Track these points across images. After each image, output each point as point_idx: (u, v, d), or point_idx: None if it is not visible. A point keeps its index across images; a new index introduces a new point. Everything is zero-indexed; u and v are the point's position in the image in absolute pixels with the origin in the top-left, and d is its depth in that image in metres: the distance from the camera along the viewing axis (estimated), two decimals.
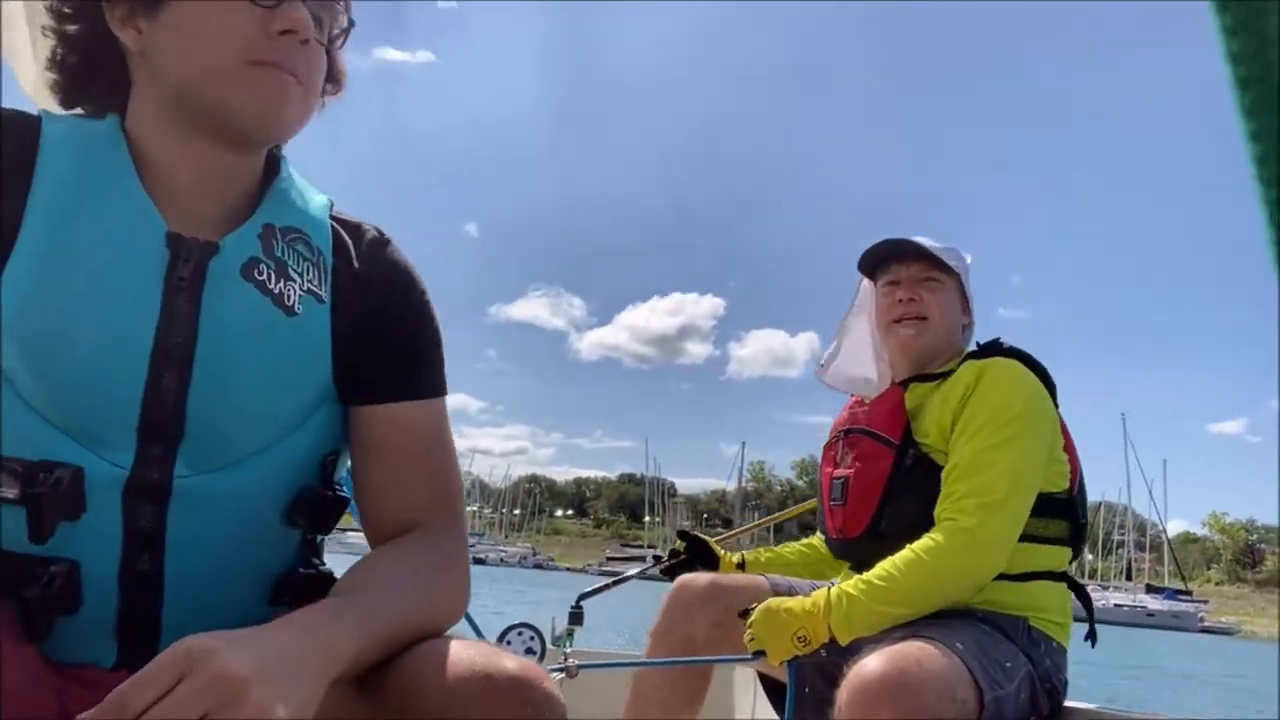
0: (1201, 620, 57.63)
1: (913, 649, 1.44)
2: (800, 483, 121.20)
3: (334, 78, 1.01)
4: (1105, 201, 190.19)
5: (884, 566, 1.62)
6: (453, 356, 1.05)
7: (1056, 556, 1.75)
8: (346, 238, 0.99)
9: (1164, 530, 78.08)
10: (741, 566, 2.12)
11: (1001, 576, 1.68)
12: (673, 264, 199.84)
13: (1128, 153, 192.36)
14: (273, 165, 0.99)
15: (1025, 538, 1.69)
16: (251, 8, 0.87)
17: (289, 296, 0.91)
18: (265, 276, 0.90)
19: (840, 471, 1.88)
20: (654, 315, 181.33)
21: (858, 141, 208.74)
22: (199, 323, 0.86)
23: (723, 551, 2.18)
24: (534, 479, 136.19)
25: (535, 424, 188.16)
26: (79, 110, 0.94)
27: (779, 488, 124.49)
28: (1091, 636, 1.87)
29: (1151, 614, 53.59)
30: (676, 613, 1.90)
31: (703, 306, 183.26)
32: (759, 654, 1.63)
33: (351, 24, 0.98)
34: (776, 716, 1.89)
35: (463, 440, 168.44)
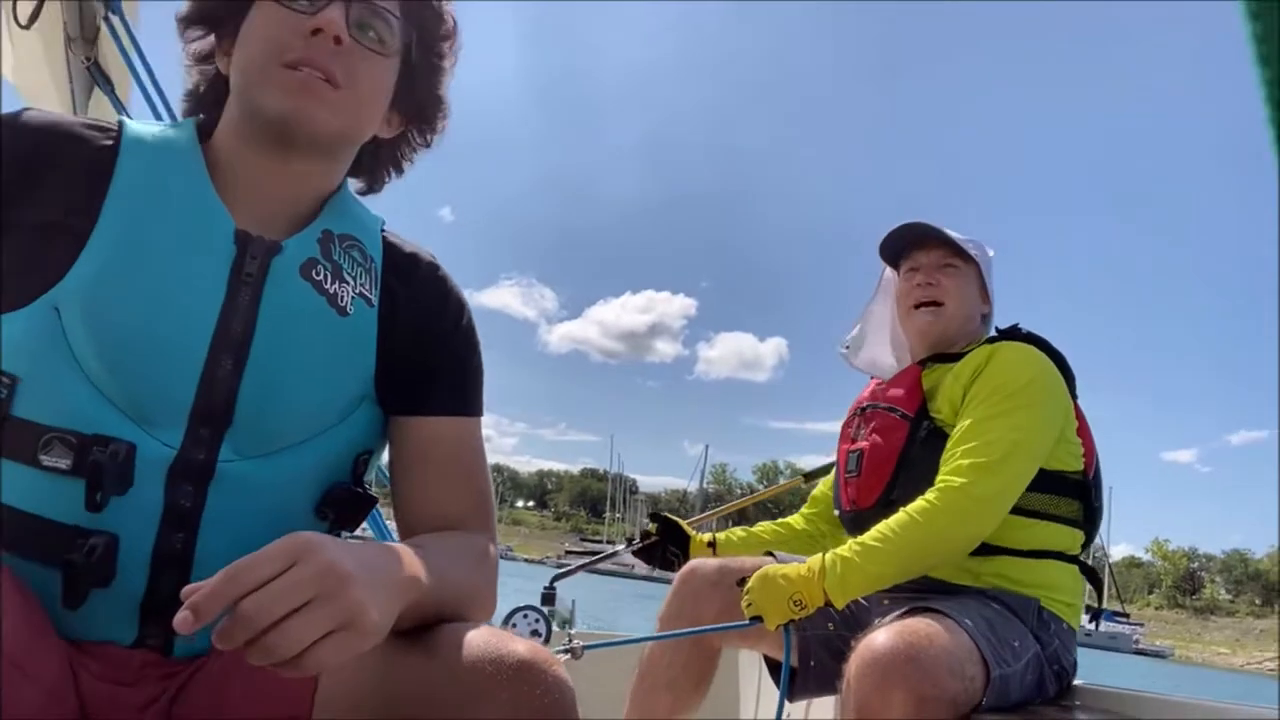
0: (1136, 642, 59.85)
1: (922, 624, 1.45)
2: (760, 487, 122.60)
3: (423, 105, 1.07)
4: (1080, 229, 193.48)
5: (878, 529, 1.63)
6: None
7: (1069, 537, 1.75)
8: (401, 256, 1.04)
9: (1107, 555, 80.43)
10: (712, 546, 2.13)
11: (1013, 552, 1.69)
12: (647, 261, 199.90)
13: (1110, 183, 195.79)
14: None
15: (1036, 514, 1.70)
16: (291, 14, 0.92)
17: (342, 297, 0.95)
18: (322, 277, 0.95)
19: (857, 445, 1.90)
20: (625, 311, 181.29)
21: (837, 153, 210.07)
22: (258, 315, 0.91)
23: (694, 532, 2.18)
24: (497, 468, 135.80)
25: (500, 413, 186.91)
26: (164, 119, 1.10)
27: (739, 491, 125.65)
28: (1096, 619, 1.92)
29: (1088, 634, 54.98)
30: (684, 597, 1.90)
31: (674, 305, 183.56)
32: (756, 619, 1.64)
33: (412, 35, 1.02)
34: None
35: None
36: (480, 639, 0.79)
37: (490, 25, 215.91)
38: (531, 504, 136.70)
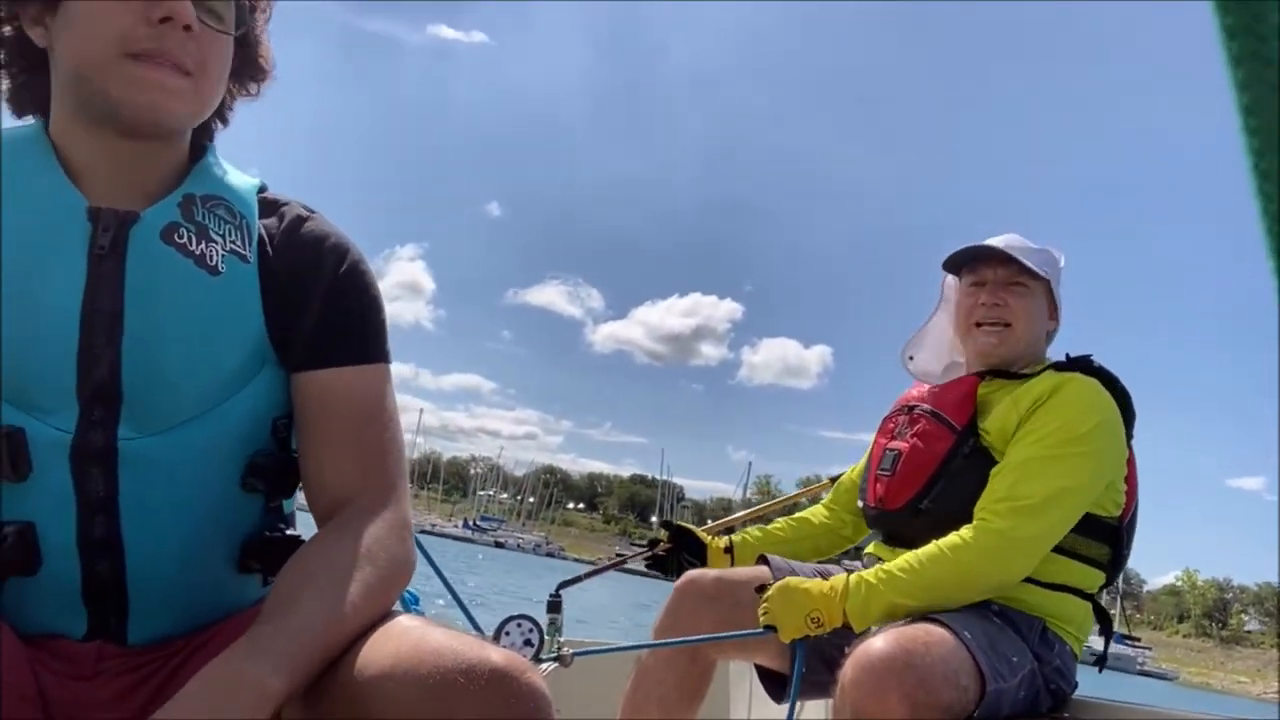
0: (1142, 665, 63.09)
1: (920, 632, 1.44)
2: (805, 501, 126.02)
3: (255, 65, 1.02)
4: (1137, 239, 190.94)
5: (907, 559, 1.60)
6: (466, 334, 2.28)
7: (1089, 576, 1.72)
8: (275, 212, 1.01)
9: (1119, 583, 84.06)
10: (730, 551, 2.08)
11: (1028, 580, 1.65)
12: (693, 265, 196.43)
13: (1163, 189, 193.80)
14: (198, 151, 1.01)
15: (1062, 550, 1.66)
16: None
17: (211, 257, 0.92)
18: (185, 240, 0.91)
19: (896, 444, 1.85)
20: (670, 314, 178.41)
21: (889, 160, 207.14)
22: (124, 288, 0.88)
23: (709, 538, 2.13)
24: (550, 470, 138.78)
25: (545, 410, 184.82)
26: (30, 119, 0.98)
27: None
28: (1101, 663, 1.91)
29: (1095, 654, 59.80)
30: (681, 609, 1.86)
31: (720, 310, 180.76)
32: (769, 629, 1.61)
33: (250, 9, 0.99)
34: (772, 713, 1.83)
35: (473, 420, 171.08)
36: (453, 647, 0.76)
37: (563, 29, 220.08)
38: (582, 506, 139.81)
